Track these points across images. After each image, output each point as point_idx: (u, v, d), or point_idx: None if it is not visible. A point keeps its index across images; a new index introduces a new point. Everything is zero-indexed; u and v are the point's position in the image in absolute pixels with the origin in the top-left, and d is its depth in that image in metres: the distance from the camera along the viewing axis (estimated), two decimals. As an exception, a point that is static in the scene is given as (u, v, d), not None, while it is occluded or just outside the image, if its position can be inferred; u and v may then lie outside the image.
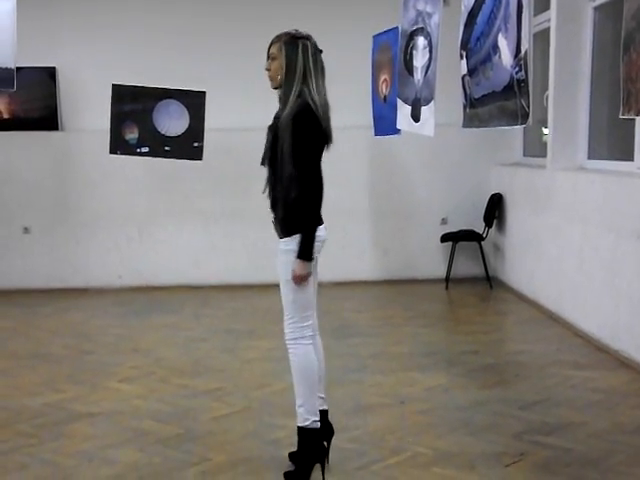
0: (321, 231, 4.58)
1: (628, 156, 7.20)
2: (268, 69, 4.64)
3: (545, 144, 9.02)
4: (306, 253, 4.46)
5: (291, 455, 4.75)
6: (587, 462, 4.75)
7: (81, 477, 4.69)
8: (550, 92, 8.42)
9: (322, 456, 4.58)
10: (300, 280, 4.50)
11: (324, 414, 4.72)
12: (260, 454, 4.98)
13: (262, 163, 4.66)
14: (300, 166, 4.44)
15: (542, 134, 9.65)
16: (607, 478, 4.51)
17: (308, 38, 4.64)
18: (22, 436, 5.37)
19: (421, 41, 6.96)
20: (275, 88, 4.67)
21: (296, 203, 4.45)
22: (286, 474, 4.54)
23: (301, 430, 4.56)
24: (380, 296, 9.98)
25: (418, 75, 7.05)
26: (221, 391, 6.24)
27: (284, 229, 4.57)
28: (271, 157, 4.60)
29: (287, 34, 4.65)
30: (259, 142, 4.65)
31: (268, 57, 4.63)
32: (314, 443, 4.55)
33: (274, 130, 4.57)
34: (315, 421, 4.55)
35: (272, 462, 4.82)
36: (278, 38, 4.65)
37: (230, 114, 9.69)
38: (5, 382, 6.64)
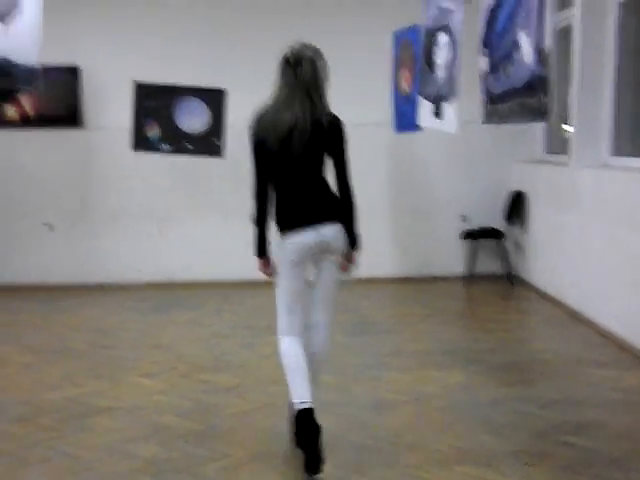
0: (294, 237, 4.78)
1: None
2: None
3: (568, 141, 8.99)
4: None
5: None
6: (610, 462, 4.73)
7: (101, 470, 4.71)
8: (574, 88, 8.39)
9: (299, 441, 4.65)
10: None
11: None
12: (280, 450, 5.00)
13: None
14: None
15: (562, 130, 9.61)
16: (631, 478, 4.50)
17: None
18: (44, 430, 5.39)
19: (443, 38, 6.96)
20: None
21: None
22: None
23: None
24: (398, 293, 10.01)
25: (440, 72, 7.06)
26: (241, 387, 6.27)
27: None
28: None
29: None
30: None
31: None
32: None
33: None
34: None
35: (293, 458, 4.81)
36: None
37: (252, 110, 9.72)
38: (27, 376, 6.67)
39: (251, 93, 9.56)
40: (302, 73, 4.78)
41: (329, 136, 4.82)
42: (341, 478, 4.55)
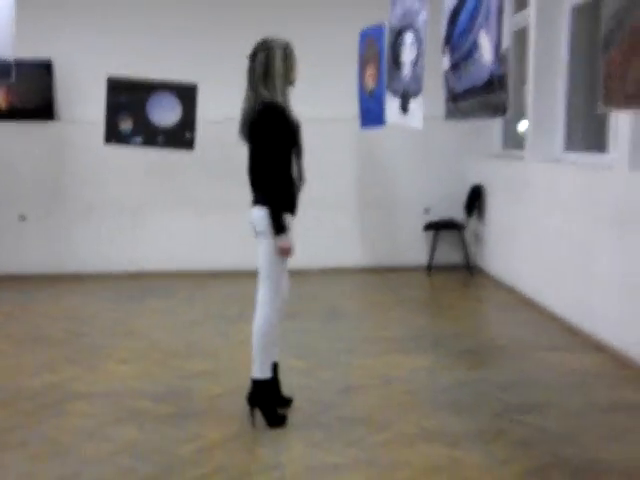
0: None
1: (602, 148, 7.28)
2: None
3: (523, 137, 9.10)
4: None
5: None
6: (563, 439, 4.84)
7: (81, 453, 4.72)
8: (529, 87, 8.49)
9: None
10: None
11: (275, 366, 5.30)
12: (252, 430, 5.05)
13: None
14: None
15: (518, 129, 9.73)
16: (582, 454, 4.59)
17: None
18: (22, 414, 5.42)
19: (409, 36, 7.02)
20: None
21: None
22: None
23: None
24: (367, 283, 10.05)
25: (406, 69, 7.12)
26: (214, 372, 6.29)
27: None
28: None
29: None
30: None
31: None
32: None
33: None
34: None
35: (264, 436, 4.93)
36: None
37: (223, 106, 9.76)
38: (4, 363, 6.68)
39: (222, 88, 9.68)
40: (254, 65, 4.99)
41: (253, 125, 4.98)
42: (311, 455, 4.60)
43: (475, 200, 10.41)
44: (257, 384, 5.04)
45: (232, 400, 5.62)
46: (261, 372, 5.04)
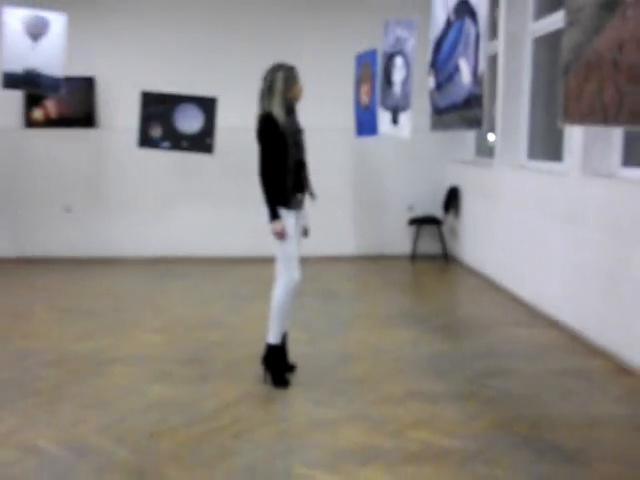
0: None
1: (558, 158, 7.30)
2: (302, 89, 5.31)
3: (492, 147, 9.12)
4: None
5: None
6: (523, 398, 4.93)
7: (121, 406, 4.79)
8: (498, 105, 8.52)
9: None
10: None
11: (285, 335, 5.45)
12: (262, 390, 5.11)
13: (302, 159, 5.29)
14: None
15: (487, 140, 9.78)
16: (538, 410, 4.68)
17: None
18: (71, 373, 5.47)
19: (399, 60, 7.09)
20: (294, 103, 5.27)
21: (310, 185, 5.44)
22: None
23: None
24: (359, 269, 10.02)
25: (397, 88, 7.19)
26: (229, 342, 6.31)
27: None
28: (304, 150, 5.35)
29: None
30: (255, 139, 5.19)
31: (299, 81, 5.23)
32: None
33: (301, 133, 5.33)
34: None
35: (273, 395, 4.99)
36: None
37: (238, 116, 9.81)
38: (54, 331, 6.70)
39: (237, 101, 9.74)
40: (263, 84, 5.23)
41: (256, 131, 5.24)
42: (313, 411, 4.66)
43: (452, 200, 10.41)
44: (269, 348, 5.27)
45: (245, 365, 5.66)
46: (273, 338, 5.25)
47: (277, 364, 5.26)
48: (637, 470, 3.87)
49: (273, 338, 5.26)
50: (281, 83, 5.12)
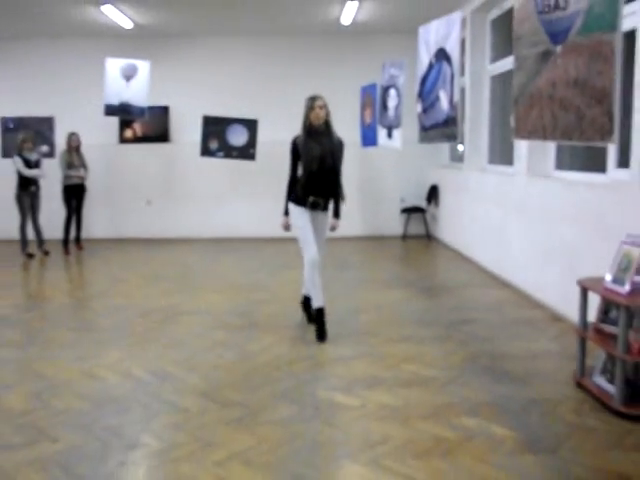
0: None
1: (510, 162, 7.26)
2: (318, 114, 4.87)
3: (462, 155, 9.12)
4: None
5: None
6: (485, 339, 4.96)
7: (191, 346, 4.87)
8: (466, 123, 8.48)
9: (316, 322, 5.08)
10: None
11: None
12: (295, 335, 5.15)
13: (320, 167, 4.95)
14: (340, 172, 5.22)
15: (458, 149, 9.78)
16: (497, 348, 4.71)
17: None
18: (154, 322, 5.56)
19: (392, 91, 7.13)
20: (317, 125, 4.91)
21: (339, 192, 5.22)
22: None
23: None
24: (363, 246, 9.99)
25: (391, 112, 7.22)
26: (269, 300, 6.34)
27: (327, 205, 5.15)
28: (333, 166, 5.05)
29: (322, 97, 4.95)
30: (286, 150, 5.17)
31: (314, 108, 4.86)
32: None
33: (330, 148, 4.98)
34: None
35: (303, 341, 4.97)
36: (321, 97, 4.94)
37: (273, 133, 9.85)
38: (140, 292, 6.78)
39: (273, 122, 9.81)
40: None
41: None
42: (333, 349, 4.72)
43: (432, 194, 10.39)
44: (304, 297, 5.48)
45: (281, 316, 5.70)
46: (305, 290, 5.41)
47: (306, 308, 5.45)
48: (565, 387, 3.93)
49: (305, 290, 5.39)
50: (304, 111, 4.93)
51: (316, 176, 4.99)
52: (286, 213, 5.19)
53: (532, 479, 2.87)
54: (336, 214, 5.27)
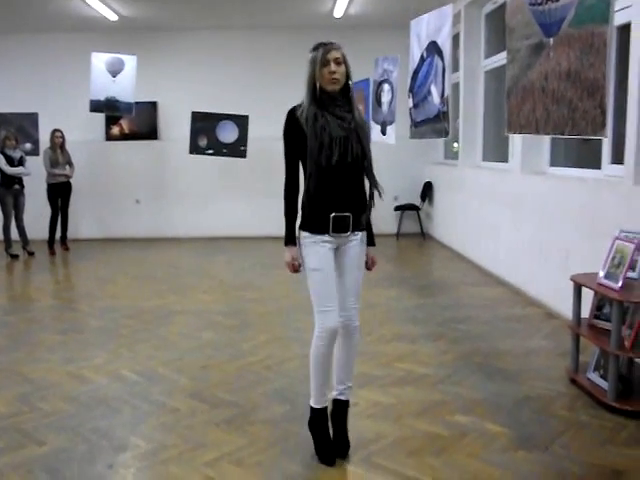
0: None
1: (505, 159, 7.36)
2: (335, 71, 2.92)
3: (457, 152, 9.17)
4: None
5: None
6: (479, 337, 5.01)
7: (181, 346, 4.87)
8: (460, 120, 8.56)
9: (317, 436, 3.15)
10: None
11: (340, 403, 3.22)
12: (288, 334, 5.15)
13: (343, 158, 2.97)
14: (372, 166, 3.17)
15: (453, 147, 9.84)
16: (490, 345, 4.75)
17: None
18: (144, 323, 5.57)
19: (386, 86, 7.14)
20: (333, 91, 2.97)
21: (370, 199, 3.21)
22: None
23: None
24: None
25: (385, 107, 7.24)
26: (261, 299, 6.36)
27: (360, 223, 3.14)
28: (362, 155, 3.07)
29: (339, 45, 3.01)
30: (281, 147, 2.98)
31: (328, 62, 2.92)
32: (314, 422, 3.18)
33: (356, 127, 3.01)
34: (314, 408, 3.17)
35: (296, 340, 4.92)
36: (338, 46, 3.00)
37: (264, 130, 9.88)
38: (131, 292, 6.80)
39: (264, 118, 9.82)
40: None
41: None
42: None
43: (427, 191, 10.45)
44: (310, 409, 3.19)
45: (273, 316, 5.73)
46: (312, 398, 3.18)
47: (317, 431, 3.14)
48: (558, 384, 3.97)
49: (312, 398, 3.17)
50: (309, 68, 2.97)
51: (338, 174, 3.00)
52: (292, 241, 3.09)
53: (525, 475, 2.91)
54: (371, 239, 3.32)
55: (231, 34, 10.40)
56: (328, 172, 2.97)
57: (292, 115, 3.00)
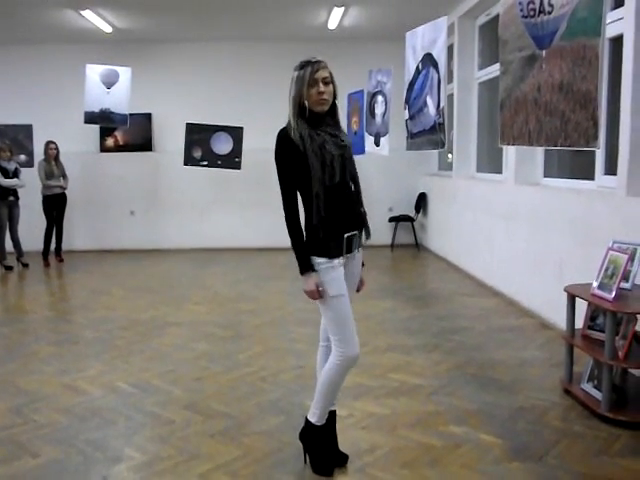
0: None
1: (499, 170, 7.39)
2: (324, 92, 2.93)
3: (451, 163, 9.20)
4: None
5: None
6: (473, 348, 5.02)
7: (175, 357, 4.89)
8: (454, 131, 8.60)
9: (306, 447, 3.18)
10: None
11: (332, 413, 3.23)
12: (283, 346, 5.14)
13: (343, 176, 3.01)
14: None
15: (448, 158, 9.87)
16: (484, 356, 4.76)
17: None
18: (139, 334, 5.56)
19: (380, 98, 7.17)
20: (321, 112, 2.95)
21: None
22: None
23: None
24: None
25: (378, 118, 7.26)
26: (256, 310, 6.36)
27: (361, 241, 3.16)
28: (353, 169, 3.22)
29: (326, 64, 3.06)
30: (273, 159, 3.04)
31: (318, 82, 2.93)
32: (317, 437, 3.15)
33: (344, 150, 3.03)
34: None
35: (291, 351, 4.97)
36: (325, 64, 3.05)
37: (259, 141, 9.89)
38: (125, 304, 6.79)
39: (258, 130, 9.81)
40: None
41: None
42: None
43: (421, 202, 10.47)
44: (309, 426, 3.16)
45: (267, 327, 5.73)
46: (315, 417, 3.14)
47: (318, 447, 3.14)
48: (552, 395, 3.98)
49: (315, 416, 3.13)
50: (295, 87, 2.95)
51: (342, 193, 3.01)
52: (310, 267, 2.93)
53: (520, 486, 2.93)
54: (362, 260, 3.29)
55: (226, 46, 10.45)
56: (333, 191, 2.93)
57: (286, 136, 2.88)
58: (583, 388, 3.87)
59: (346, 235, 2.97)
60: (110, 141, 10.53)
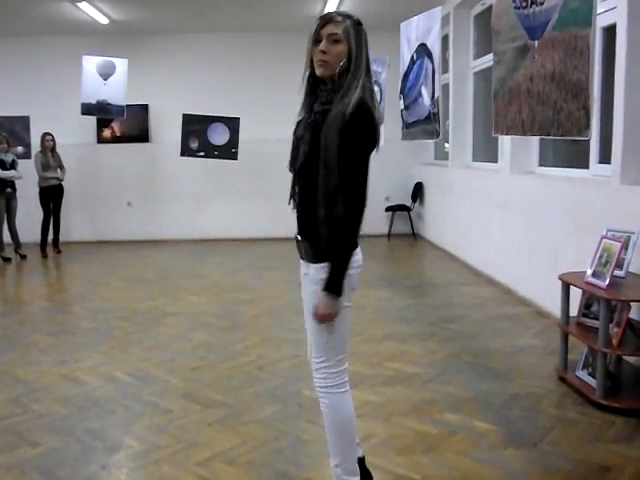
0: (358, 254, 2.47)
1: (494, 159, 7.40)
2: (325, 51, 2.28)
3: (447, 152, 9.21)
4: (338, 286, 2.33)
5: None
6: (469, 336, 5.04)
7: (174, 347, 4.90)
8: (450, 121, 8.60)
9: None
10: (324, 319, 2.39)
11: (361, 461, 2.62)
12: (280, 335, 5.16)
13: (291, 167, 2.43)
14: (351, 176, 2.31)
15: (444, 147, 9.87)
16: (480, 344, 4.78)
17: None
18: (137, 325, 5.58)
19: (375, 88, 7.21)
20: (322, 76, 2.32)
21: (339, 222, 2.26)
22: None
23: None
24: None
25: (373, 109, 7.31)
26: (253, 300, 6.38)
27: (318, 253, 2.36)
28: (306, 162, 2.32)
29: (352, 16, 2.41)
30: (272, 149, 2.73)
31: (321, 39, 2.30)
32: None
33: (313, 128, 2.30)
34: None
35: (288, 341, 4.97)
36: (342, 18, 2.35)
37: (255, 132, 9.89)
38: (124, 294, 6.79)
39: (255, 120, 9.83)
40: None
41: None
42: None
43: (417, 192, 10.49)
44: None
45: (265, 317, 5.74)
46: (348, 473, 2.50)
47: None
48: (547, 382, 4.01)
49: (347, 473, 2.49)
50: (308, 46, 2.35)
51: (296, 187, 2.47)
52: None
53: (514, 473, 2.94)
54: (327, 282, 2.35)
55: (222, 37, 10.42)
56: (294, 183, 2.46)
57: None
58: (578, 375, 3.89)
59: (295, 235, 2.48)
60: (107, 132, 10.51)
